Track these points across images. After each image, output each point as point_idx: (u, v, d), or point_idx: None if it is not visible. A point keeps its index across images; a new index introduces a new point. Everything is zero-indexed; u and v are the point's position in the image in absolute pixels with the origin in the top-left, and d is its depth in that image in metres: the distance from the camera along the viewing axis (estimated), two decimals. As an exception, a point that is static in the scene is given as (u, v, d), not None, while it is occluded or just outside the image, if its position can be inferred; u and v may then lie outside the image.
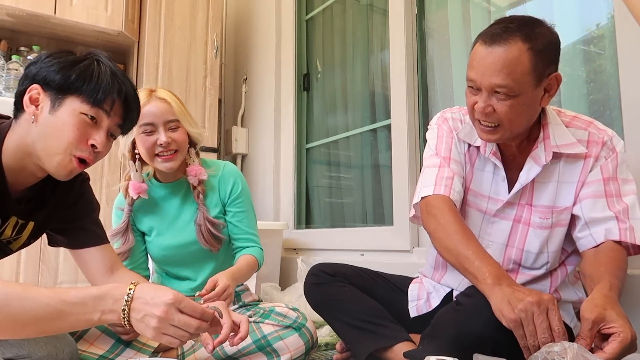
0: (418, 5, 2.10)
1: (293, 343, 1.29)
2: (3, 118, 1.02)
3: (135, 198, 1.42)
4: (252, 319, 1.32)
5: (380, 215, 2.29)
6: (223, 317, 0.91)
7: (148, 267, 1.54)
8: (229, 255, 1.50)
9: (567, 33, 1.54)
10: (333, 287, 1.35)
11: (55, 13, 2.35)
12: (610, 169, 1.09)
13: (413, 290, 1.36)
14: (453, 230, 1.07)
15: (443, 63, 2.01)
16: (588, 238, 1.08)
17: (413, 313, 1.32)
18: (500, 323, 0.90)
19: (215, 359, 1.31)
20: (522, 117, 1.06)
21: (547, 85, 1.05)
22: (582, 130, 1.12)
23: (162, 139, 1.33)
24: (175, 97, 1.41)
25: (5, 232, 1.02)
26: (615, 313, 0.85)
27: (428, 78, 2.08)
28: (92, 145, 0.96)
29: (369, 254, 2.18)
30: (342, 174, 2.65)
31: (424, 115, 2.07)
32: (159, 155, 1.36)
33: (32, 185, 1.02)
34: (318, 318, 1.49)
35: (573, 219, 1.13)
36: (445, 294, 1.27)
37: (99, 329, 1.25)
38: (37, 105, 0.94)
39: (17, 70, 2.30)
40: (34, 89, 0.94)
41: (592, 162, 1.10)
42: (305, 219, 2.76)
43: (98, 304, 0.78)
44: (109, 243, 1.21)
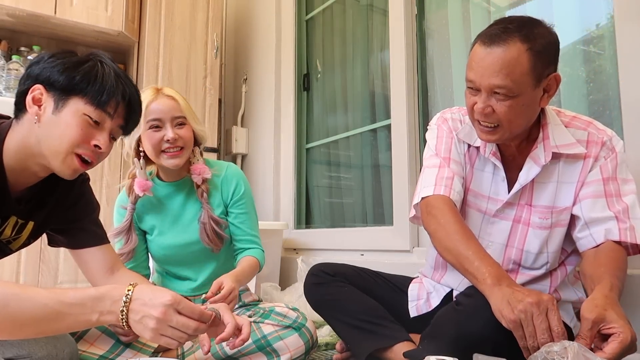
0: (418, 5, 2.10)
1: (293, 343, 1.29)
2: (3, 118, 1.02)
3: (141, 195, 1.42)
4: (252, 319, 1.32)
5: (380, 215, 2.29)
6: (227, 316, 0.91)
7: (149, 266, 1.54)
8: (230, 256, 1.51)
9: (566, 33, 1.54)
10: (333, 287, 1.35)
11: (56, 13, 2.35)
12: (610, 169, 1.09)
13: (413, 290, 1.36)
14: (453, 231, 1.07)
15: (443, 63, 2.01)
16: (588, 238, 1.08)
17: (413, 313, 1.32)
18: (501, 323, 0.90)
19: (215, 359, 1.31)
20: (521, 117, 1.06)
21: (546, 86, 1.05)
22: (581, 131, 1.13)
23: (169, 135, 1.34)
24: (181, 96, 1.42)
25: (5, 231, 1.02)
26: (616, 314, 0.85)
27: (428, 78, 2.08)
28: (95, 146, 0.97)
29: (369, 254, 2.18)
30: (342, 174, 2.65)
31: (424, 116, 2.07)
32: (165, 152, 1.36)
33: (32, 185, 1.02)
34: (318, 318, 1.49)
35: (573, 219, 1.13)
36: (445, 294, 1.28)
37: (99, 329, 1.25)
38: (40, 106, 0.94)
39: (17, 71, 2.30)
40: (37, 90, 0.94)
41: (591, 162, 1.10)
42: (305, 219, 2.76)
43: (96, 305, 0.78)
44: (109, 243, 1.21)
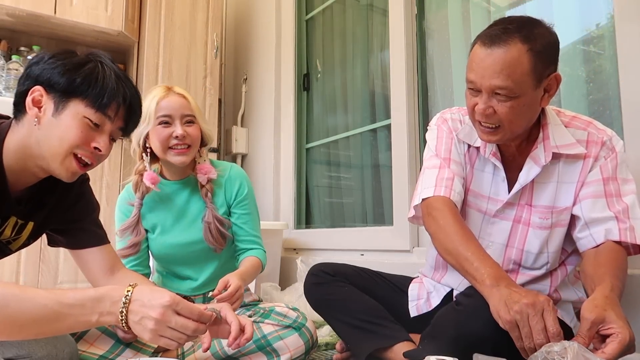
0: (418, 5, 2.10)
1: (293, 343, 1.29)
2: (3, 118, 1.01)
3: (152, 187, 1.41)
4: (252, 319, 1.32)
5: (380, 215, 2.29)
6: (229, 316, 0.91)
7: (149, 264, 1.54)
8: (231, 256, 1.51)
9: (566, 33, 1.54)
10: (333, 287, 1.35)
11: (55, 13, 2.35)
12: (610, 169, 1.09)
13: (413, 290, 1.36)
14: (453, 232, 1.07)
15: (443, 63, 2.01)
16: (588, 238, 1.08)
17: (413, 313, 1.32)
18: (500, 323, 0.90)
19: (216, 359, 1.31)
20: (522, 117, 1.06)
21: (546, 86, 1.05)
22: (581, 131, 1.13)
23: (178, 131, 1.35)
24: (191, 96, 1.44)
25: (5, 232, 1.02)
26: (615, 314, 0.85)
27: (428, 78, 2.07)
28: (95, 148, 0.96)
29: (369, 254, 2.18)
30: (342, 174, 2.65)
31: (424, 115, 2.07)
32: (173, 148, 1.37)
33: (31, 186, 1.02)
34: (318, 318, 1.49)
35: (573, 219, 1.13)
36: (445, 294, 1.28)
37: (99, 330, 1.25)
38: (39, 108, 0.93)
39: (17, 70, 2.30)
40: (37, 91, 0.93)
41: (591, 162, 1.10)
42: (305, 219, 2.76)
43: (96, 306, 0.78)
44: (109, 243, 1.21)
